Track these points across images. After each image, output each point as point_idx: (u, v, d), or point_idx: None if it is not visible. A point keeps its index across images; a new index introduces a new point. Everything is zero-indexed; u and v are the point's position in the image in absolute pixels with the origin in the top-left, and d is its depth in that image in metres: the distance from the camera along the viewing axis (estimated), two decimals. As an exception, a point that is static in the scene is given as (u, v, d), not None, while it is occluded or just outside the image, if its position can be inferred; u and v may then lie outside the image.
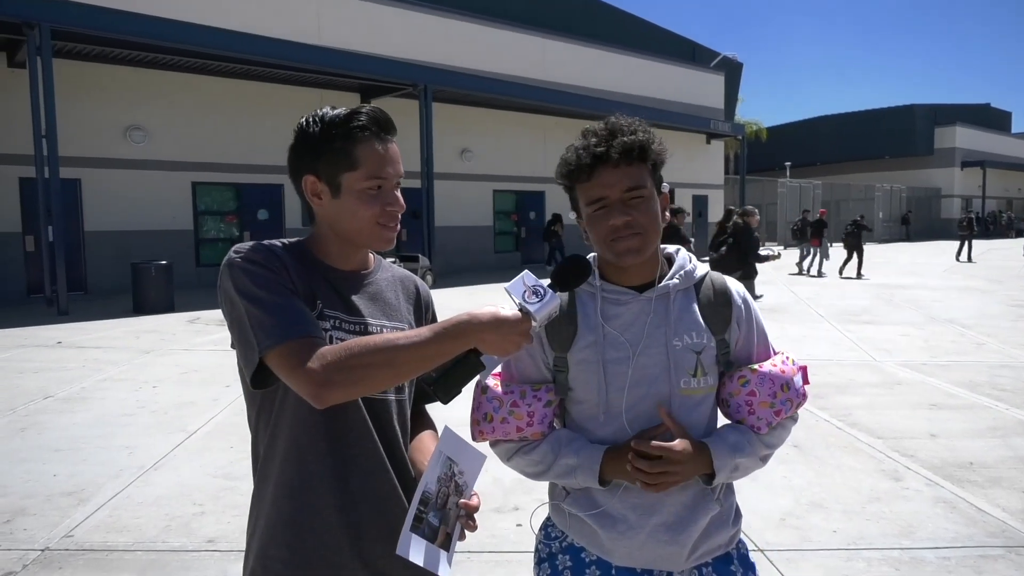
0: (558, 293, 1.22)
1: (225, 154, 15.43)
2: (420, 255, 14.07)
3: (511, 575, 3.13)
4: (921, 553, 3.35)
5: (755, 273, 8.53)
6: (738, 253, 8.42)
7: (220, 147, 15.37)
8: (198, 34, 12.75)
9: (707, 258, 8.83)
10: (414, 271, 1.48)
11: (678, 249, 1.50)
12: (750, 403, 1.43)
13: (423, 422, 1.51)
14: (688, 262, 1.49)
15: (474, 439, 1.44)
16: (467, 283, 15.46)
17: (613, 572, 1.42)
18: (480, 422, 1.43)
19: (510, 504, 3.82)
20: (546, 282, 1.24)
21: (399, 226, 1.34)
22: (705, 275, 1.49)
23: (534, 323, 1.19)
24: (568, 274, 1.28)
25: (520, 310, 1.18)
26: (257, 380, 1.22)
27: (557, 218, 19.68)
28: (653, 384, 1.39)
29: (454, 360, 1.19)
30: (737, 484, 4.42)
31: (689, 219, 26.08)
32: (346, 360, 1.13)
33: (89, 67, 13.67)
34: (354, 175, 1.27)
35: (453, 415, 1.87)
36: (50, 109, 10.77)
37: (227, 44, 13.15)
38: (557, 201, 21.49)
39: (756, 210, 9.02)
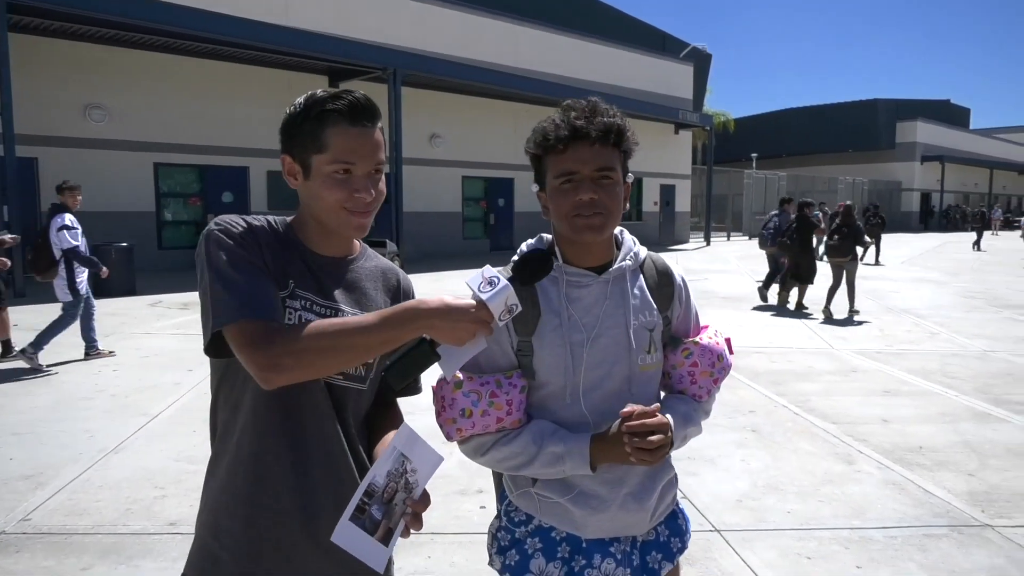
0: (513, 284, 1.22)
1: (189, 135, 15.13)
2: (388, 240, 13.97)
3: (474, 555, 3.18)
4: (870, 533, 3.47)
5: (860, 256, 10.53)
6: (852, 239, 10.07)
7: (183, 128, 15.06)
8: (161, 11, 12.44)
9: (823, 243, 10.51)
10: (381, 256, 1.46)
11: (621, 231, 1.54)
12: (692, 373, 1.51)
13: (394, 417, 1.48)
14: (633, 244, 1.54)
15: (450, 439, 1.42)
16: (435, 269, 15.43)
17: (584, 545, 1.47)
18: (457, 420, 1.40)
19: (475, 487, 3.86)
20: (507, 274, 1.24)
21: (372, 213, 1.33)
22: (646, 256, 1.56)
23: (496, 317, 1.19)
24: (529, 267, 1.29)
25: (475, 299, 1.19)
26: (212, 350, 1.24)
27: None
28: (615, 364, 1.44)
29: (407, 347, 1.19)
30: (699, 469, 4.51)
31: (656, 207, 26.35)
32: (294, 344, 1.15)
33: (47, 42, 13.27)
34: (321, 158, 1.27)
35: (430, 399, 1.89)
36: (6, 85, 10.45)
37: (191, 22, 12.87)
38: (527, 188, 21.51)
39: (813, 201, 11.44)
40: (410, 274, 1.57)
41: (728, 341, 1.57)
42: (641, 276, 1.52)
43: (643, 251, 1.55)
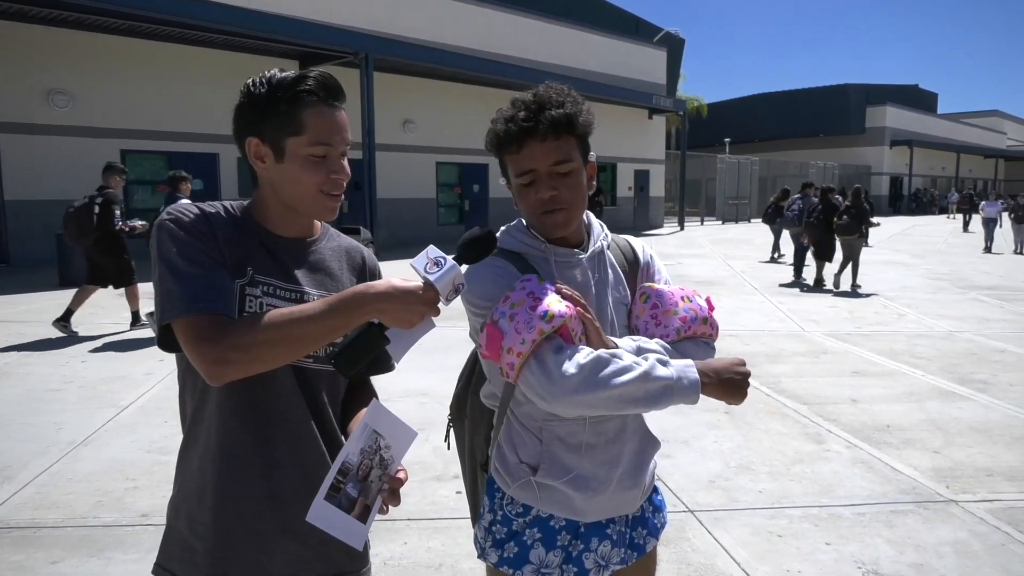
0: (462, 265, 1.23)
1: (156, 121, 14.82)
2: (362, 227, 13.80)
3: (450, 540, 3.19)
4: (839, 510, 3.55)
5: (867, 234, 11.80)
6: (858, 220, 11.27)
7: (150, 113, 14.75)
8: (125, -6, 12.14)
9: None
10: (344, 235, 1.50)
11: (586, 214, 1.56)
12: (655, 316, 1.48)
13: (368, 395, 1.48)
14: (601, 227, 1.58)
15: (563, 316, 1.29)
16: (410, 256, 15.28)
17: (582, 530, 1.49)
18: (544, 297, 1.31)
19: (450, 472, 3.87)
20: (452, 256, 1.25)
21: (343, 196, 1.33)
22: (611, 237, 1.60)
23: (441, 298, 1.20)
24: (472, 247, 1.29)
25: (424, 281, 1.19)
26: (164, 344, 1.22)
27: (599, 190, 20.51)
28: None
29: (356, 332, 1.19)
30: (672, 450, 4.57)
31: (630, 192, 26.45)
32: (241, 337, 1.14)
33: (6, 26, 12.88)
34: (299, 140, 1.26)
35: (406, 385, 1.89)
36: (-37, 70, 10.14)
37: (156, 5, 12.56)
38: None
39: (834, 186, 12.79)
40: (384, 261, 1.56)
41: (707, 299, 1.54)
42: (610, 254, 1.56)
43: (609, 233, 1.60)
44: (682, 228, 26.83)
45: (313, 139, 1.26)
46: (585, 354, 1.30)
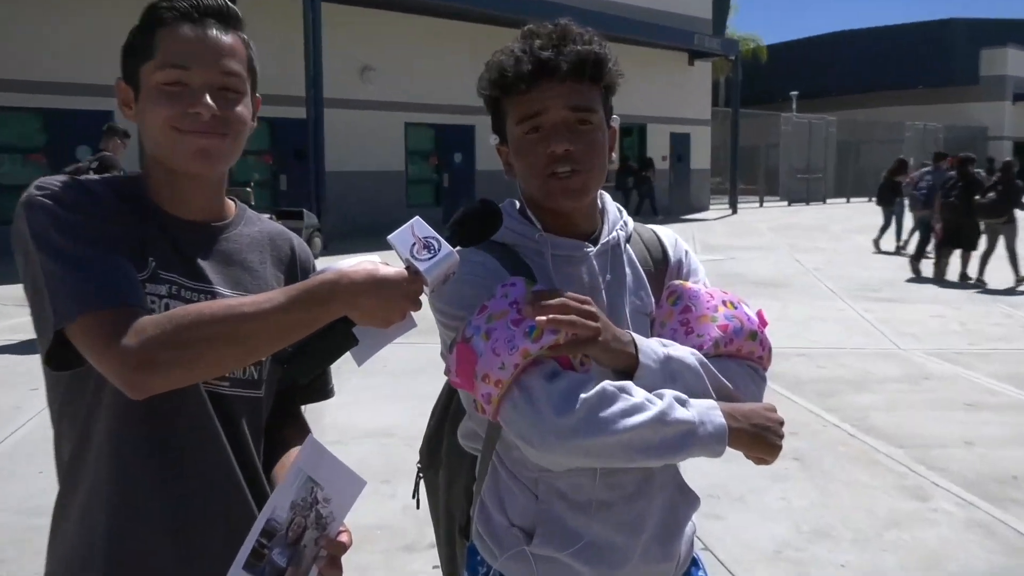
0: (456, 248, 1.23)
1: (27, 69, 14.80)
2: (305, 211, 13.85)
3: (426, 632, 3.17)
4: (949, 590, 3.54)
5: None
6: (1008, 199, 11.68)
7: (21, 59, 14.74)
8: None
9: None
10: (297, 232, 1.52)
11: (600, 194, 1.55)
12: (686, 322, 1.46)
13: (298, 430, 1.50)
14: (619, 212, 1.57)
15: (538, 341, 1.27)
16: (369, 247, 15.29)
17: None
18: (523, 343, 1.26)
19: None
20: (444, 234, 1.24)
21: (220, 137, 1.29)
22: (633, 226, 1.58)
23: (425, 286, 1.20)
24: (474, 223, 1.28)
25: (407, 267, 1.19)
26: (56, 359, 1.20)
27: (648, 162, 21.79)
28: None
29: (319, 330, 1.19)
30: (723, 509, 4.59)
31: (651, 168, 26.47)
32: (174, 334, 1.12)
33: None
34: (148, 66, 1.27)
35: (366, 421, 1.87)
36: None
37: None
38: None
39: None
40: (336, 255, 1.55)
41: (759, 313, 1.53)
42: (630, 249, 1.55)
43: (630, 220, 1.58)
44: (734, 211, 26.92)
45: (162, 61, 1.26)
46: (587, 386, 1.29)
